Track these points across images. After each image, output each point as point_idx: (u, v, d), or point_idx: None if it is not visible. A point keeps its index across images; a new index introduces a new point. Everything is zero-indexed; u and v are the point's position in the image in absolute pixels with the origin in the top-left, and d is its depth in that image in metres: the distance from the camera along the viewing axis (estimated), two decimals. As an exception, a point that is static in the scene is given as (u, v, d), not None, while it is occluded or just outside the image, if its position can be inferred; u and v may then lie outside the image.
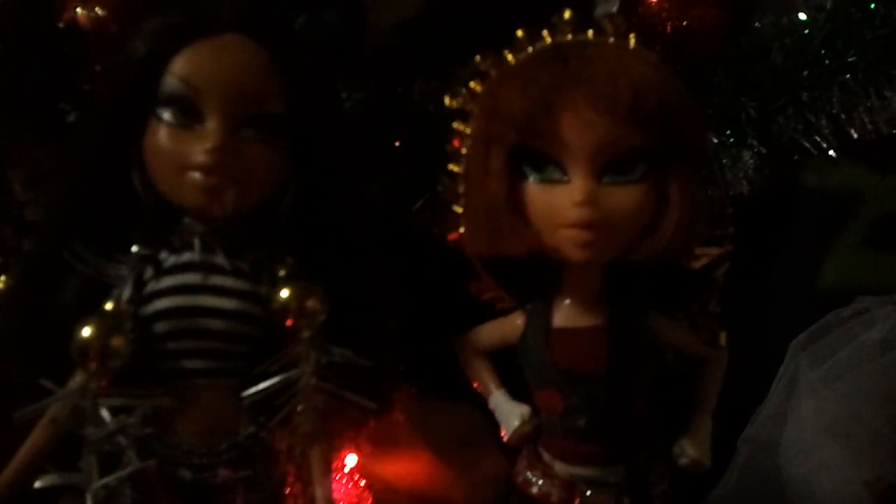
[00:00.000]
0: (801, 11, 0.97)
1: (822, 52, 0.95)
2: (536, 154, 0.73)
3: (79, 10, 0.93)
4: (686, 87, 0.73)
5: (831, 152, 0.97)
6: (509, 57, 0.75)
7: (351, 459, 0.88)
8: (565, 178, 0.72)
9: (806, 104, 0.96)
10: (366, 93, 0.99)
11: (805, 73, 0.96)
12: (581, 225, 0.71)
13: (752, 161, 0.97)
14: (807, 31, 0.96)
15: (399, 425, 0.84)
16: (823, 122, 0.97)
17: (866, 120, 0.96)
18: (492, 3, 0.95)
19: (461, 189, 0.78)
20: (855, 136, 0.96)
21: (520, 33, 0.75)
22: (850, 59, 0.95)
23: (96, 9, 0.92)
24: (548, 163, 0.72)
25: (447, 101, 0.77)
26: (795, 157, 0.98)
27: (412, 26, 1.04)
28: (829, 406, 0.99)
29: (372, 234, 0.78)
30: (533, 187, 0.73)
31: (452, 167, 0.78)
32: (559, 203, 0.72)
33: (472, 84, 0.76)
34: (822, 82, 0.95)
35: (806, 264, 1.13)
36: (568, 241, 0.72)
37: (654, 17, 0.95)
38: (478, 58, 0.76)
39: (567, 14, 0.75)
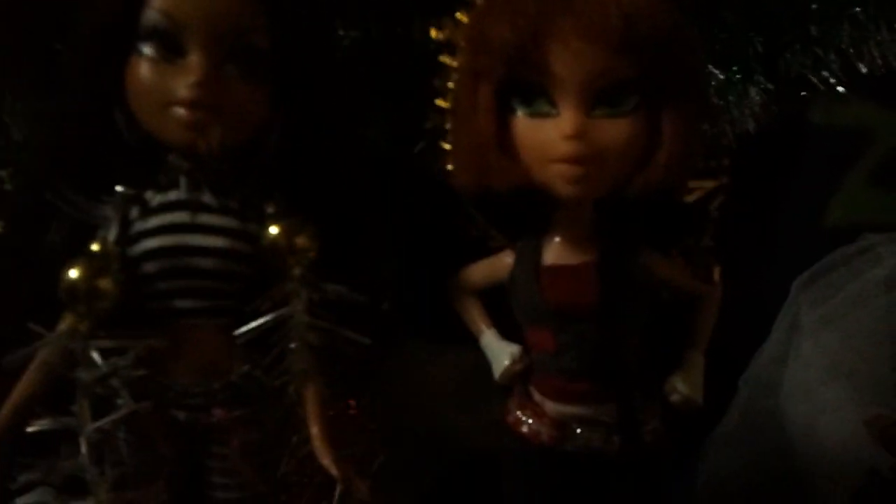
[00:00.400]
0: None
1: (832, -16, 0.94)
2: (525, 87, 0.71)
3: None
4: (682, 16, 0.71)
5: (840, 88, 0.96)
6: (496, -15, 0.73)
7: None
8: (555, 111, 0.70)
9: (814, 39, 0.95)
10: (363, 31, 0.97)
11: (814, 6, 0.94)
12: (571, 159, 0.69)
13: (758, 97, 0.96)
14: (816, -37, 0.94)
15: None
16: (832, 57, 0.95)
17: (876, 55, 0.94)
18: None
19: (449, 125, 0.77)
20: (864, 71, 0.95)
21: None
22: (859, -7, 0.93)
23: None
24: (537, 95, 0.71)
25: (433, 33, 0.76)
26: (803, 93, 0.97)
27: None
28: (830, 345, 0.99)
29: (365, 174, 0.77)
30: (522, 121, 0.72)
31: (440, 102, 0.77)
32: (549, 137, 0.70)
33: (457, 14, 0.74)
34: (832, 16, 0.94)
35: (812, 201, 1.12)
36: (558, 176, 0.71)
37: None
38: (464, -14, 0.74)
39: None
